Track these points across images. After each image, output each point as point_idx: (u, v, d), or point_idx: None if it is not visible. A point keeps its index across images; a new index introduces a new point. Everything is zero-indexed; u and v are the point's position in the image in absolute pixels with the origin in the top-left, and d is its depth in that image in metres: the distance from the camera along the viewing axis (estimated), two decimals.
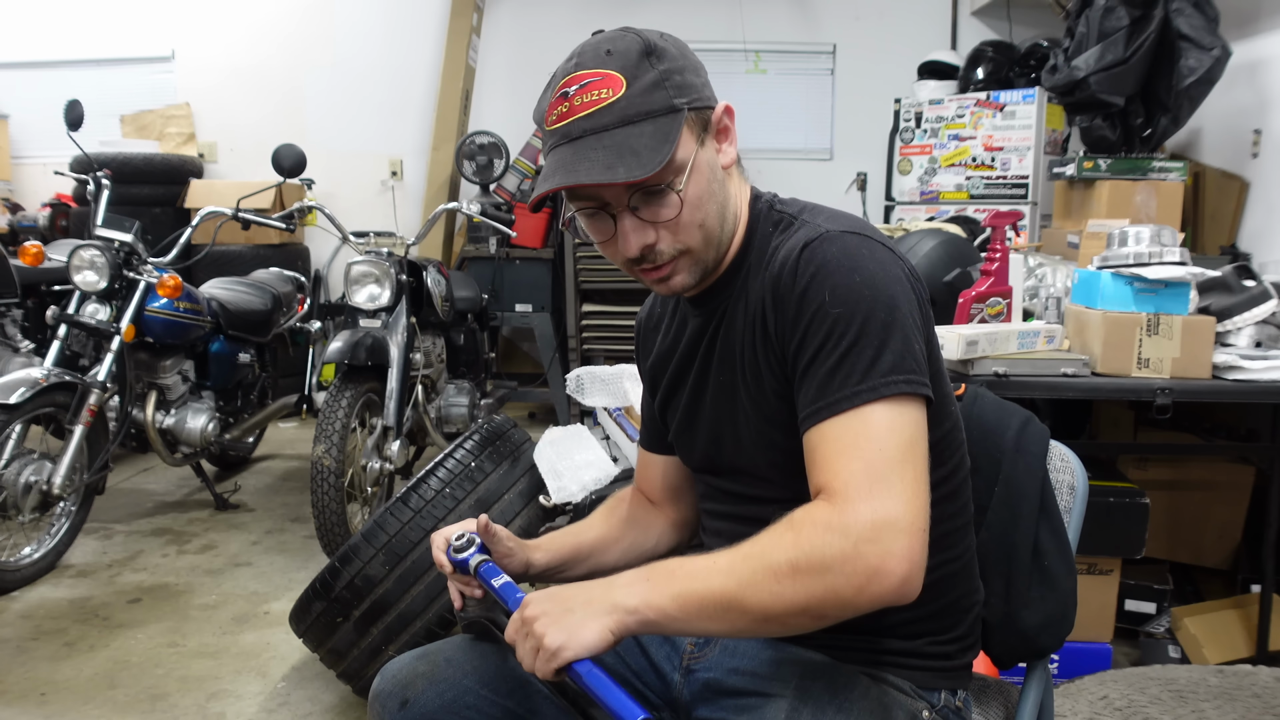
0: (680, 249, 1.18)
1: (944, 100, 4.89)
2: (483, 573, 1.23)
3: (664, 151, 1.10)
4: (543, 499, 2.35)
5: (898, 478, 1.02)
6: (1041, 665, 1.39)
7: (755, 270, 1.22)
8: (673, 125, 1.12)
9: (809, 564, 0.99)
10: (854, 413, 1.05)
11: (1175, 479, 2.94)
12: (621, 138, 1.10)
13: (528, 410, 5.98)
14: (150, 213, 5.28)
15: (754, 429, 1.22)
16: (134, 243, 3.51)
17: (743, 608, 1.01)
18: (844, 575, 0.99)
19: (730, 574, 1.02)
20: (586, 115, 1.11)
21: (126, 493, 4.30)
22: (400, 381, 3.45)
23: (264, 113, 6.11)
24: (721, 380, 1.26)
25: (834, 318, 1.08)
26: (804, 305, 1.11)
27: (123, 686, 2.61)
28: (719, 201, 1.19)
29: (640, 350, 1.47)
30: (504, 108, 6.06)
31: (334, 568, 2.26)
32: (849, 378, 1.06)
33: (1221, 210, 4.13)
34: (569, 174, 1.10)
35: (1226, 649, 2.69)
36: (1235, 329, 2.44)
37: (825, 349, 1.08)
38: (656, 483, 1.49)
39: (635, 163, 1.08)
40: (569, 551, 1.38)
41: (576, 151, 1.11)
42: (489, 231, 5.24)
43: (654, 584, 1.04)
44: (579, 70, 1.13)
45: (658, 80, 1.12)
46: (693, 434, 1.33)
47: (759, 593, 1.01)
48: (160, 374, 3.71)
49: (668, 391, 1.37)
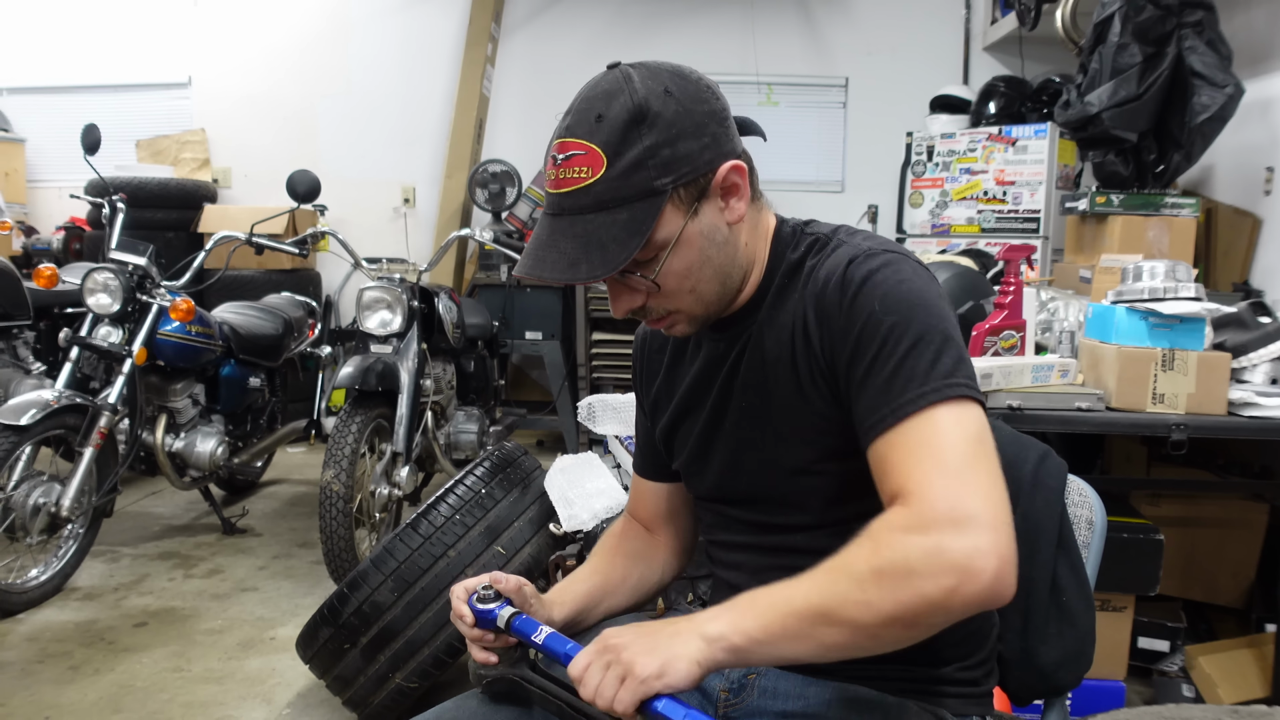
0: (670, 310, 1.18)
1: (956, 134, 4.90)
2: (519, 626, 1.16)
3: (632, 246, 1.08)
4: (553, 526, 2.34)
5: (972, 473, 1.00)
6: (1059, 702, 1.37)
7: (787, 293, 1.20)
8: (649, 211, 1.09)
9: (893, 569, 0.96)
10: (919, 416, 1.03)
11: (1189, 516, 2.92)
12: (593, 226, 1.09)
13: (536, 438, 5.97)
14: (164, 237, 5.31)
15: (784, 452, 1.20)
16: (148, 266, 3.53)
17: (831, 622, 0.97)
18: (930, 577, 0.94)
19: (814, 590, 0.99)
20: (566, 193, 1.10)
21: (134, 516, 4.29)
22: (410, 407, 3.45)
23: (278, 139, 6.17)
24: (745, 405, 1.24)
25: (888, 325, 1.07)
26: (854, 316, 1.10)
27: (127, 711, 2.60)
28: (716, 264, 1.16)
29: (641, 373, 1.43)
30: (517, 137, 6.10)
31: (342, 593, 2.25)
32: (910, 382, 1.05)
33: (1234, 247, 4.12)
34: (538, 264, 1.11)
35: (1241, 688, 2.65)
36: (1251, 365, 2.42)
37: (881, 356, 1.07)
38: (654, 509, 1.46)
39: (599, 259, 1.08)
40: (583, 600, 1.34)
41: (551, 235, 1.11)
42: (500, 259, 5.26)
43: (738, 611, 1.01)
44: (568, 136, 1.10)
45: (640, 159, 1.08)
46: (706, 461, 1.30)
47: (847, 605, 0.97)
48: (171, 397, 3.72)
49: (675, 417, 1.34)
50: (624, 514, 1.51)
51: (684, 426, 1.33)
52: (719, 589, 1.35)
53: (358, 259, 3.78)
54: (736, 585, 1.26)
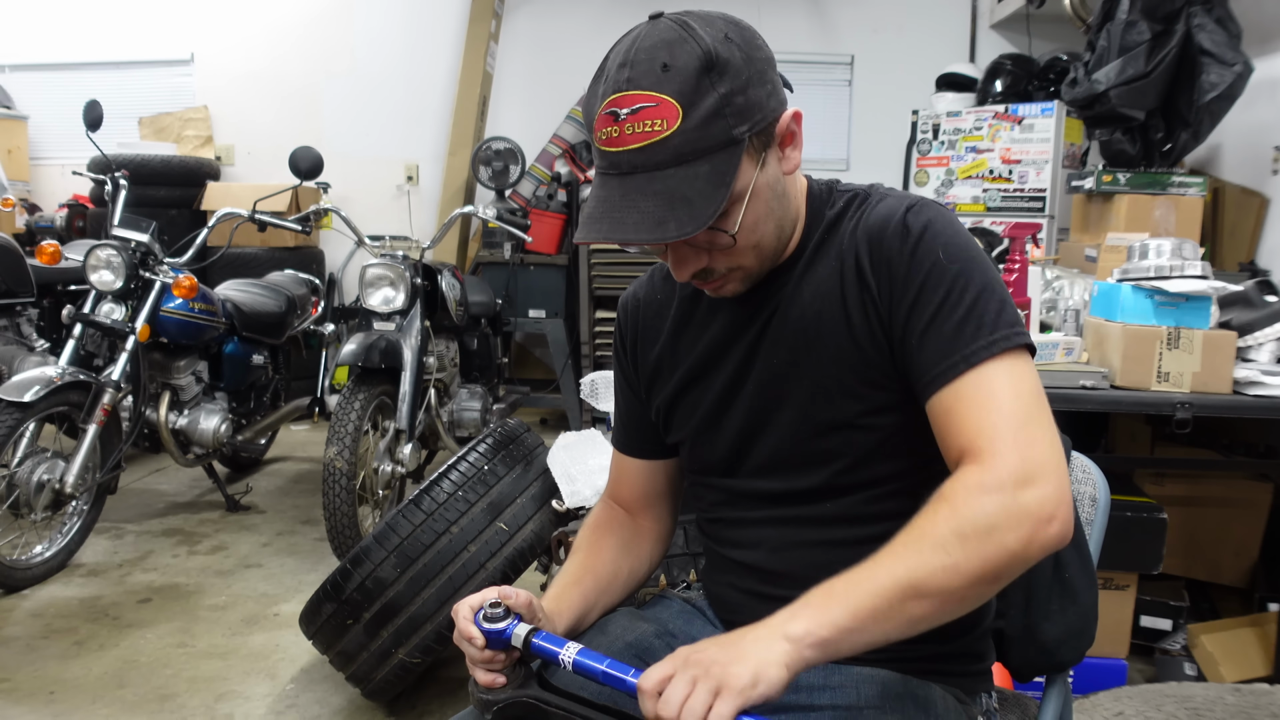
0: (733, 267, 1.14)
1: (962, 112, 4.87)
2: (540, 645, 1.05)
3: (718, 198, 1.03)
4: (555, 503, 2.34)
5: (1036, 425, 1.01)
6: (1061, 679, 1.37)
7: (826, 247, 1.17)
8: (730, 161, 1.04)
9: (974, 528, 0.96)
10: (984, 367, 1.03)
11: (1192, 495, 2.91)
12: (674, 181, 1.03)
13: (539, 416, 5.97)
14: (167, 214, 5.31)
15: (821, 408, 1.15)
16: (150, 243, 3.52)
17: (920, 594, 0.96)
18: (1011, 530, 0.96)
19: (898, 564, 0.97)
20: (638, 149, 1.02)
21: (138, 493, 4.31)
22: (413, 384, 3.45)
23: (281, 116, 6.14)
24: (775, 364, 1.19)
25: (953, 274, 1.07)
26: (918, 262, 1.08)
27: (131, 686, 2.61)
28: (777, 217, 1.13)
29: (633, 342, 1.35)
30: (521, 114, 6.08)
31: (345, 570, 2.25)
32: (979, 330, 1.04)
33: (1241, 226, 4.10)
34: (616, 226, 1.04)
35: (1243, 667, 2.66)
36: (1256, 344, 2.41)
37: (948, 304, 1.06)
38: (637, 491, 1.39)
39: (687, 215, 1.02)
40: (579, 606, 1.25)
41: (625, 195, 1.04)
42: (504, 237, 5.25)
43: (817, 605, 0.96)
44: (631, 89, 1.02)
45: (717, 108, 1.02)
46: (718, 429, 1.24)
47: (935, 573, 0.96)
48: (174, 374, 3.72)
49: (682, 385, 1.27)
50: (603, 499, 1.44)
51: (692, 394, 1.26)
52: (725, 570, 1.29)
53: (361, 236, 3.78)
54: (754, 565, 1.24)
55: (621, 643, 1.24)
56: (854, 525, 1.18)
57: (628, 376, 1.37)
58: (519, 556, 2.28)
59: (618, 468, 1.42)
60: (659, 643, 1.26)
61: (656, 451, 1.37)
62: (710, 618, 1.34)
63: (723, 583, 1.30)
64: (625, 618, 1.31)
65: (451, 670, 2.63)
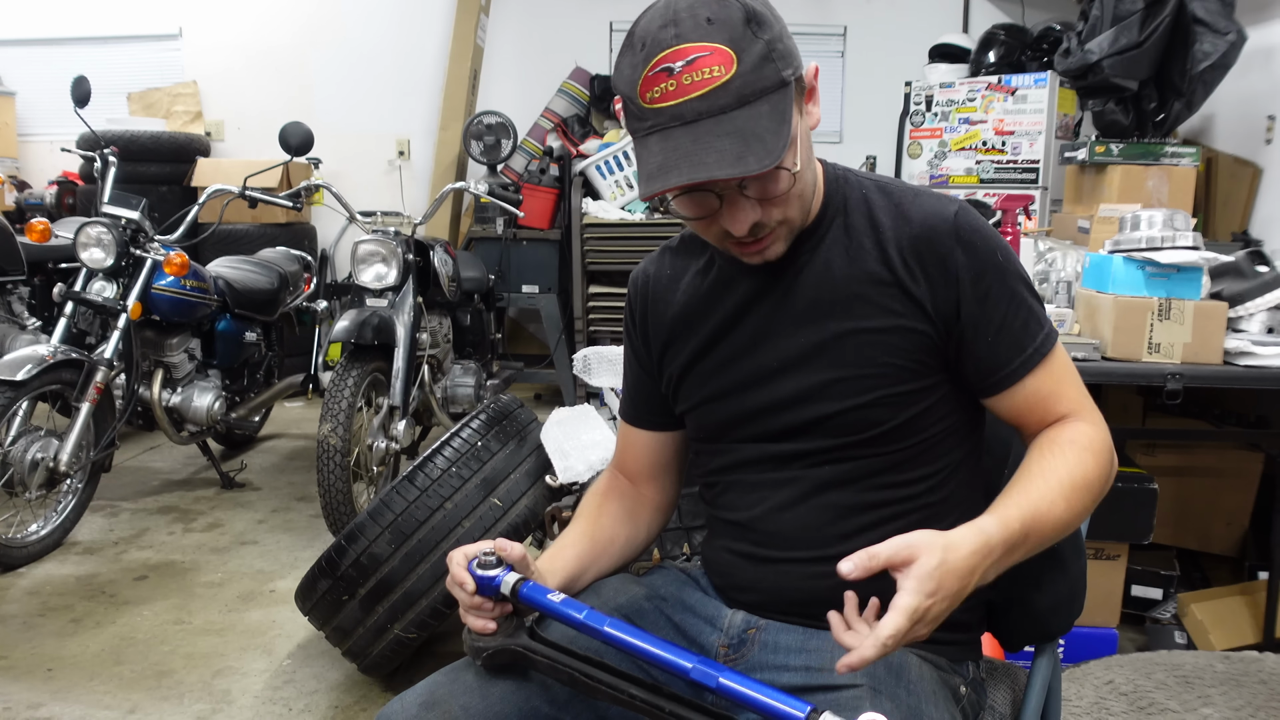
0: (781, 220, 1.16)
1: (955, 84, 4.84)
2: (528, 593, 1.12)
3: (785, 133, 1.06)
4: (549, 479, 2.34)
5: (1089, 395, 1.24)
6: (1050, 648, 1.38)
7: (857, 230, 1.22)
8: (786, 101, 1.08)
9: (1103, 484, 1.18)
10: (1050, 356, 1.20)
11: (1183, 465, 2.93)
12: (743, 121, 1.05)
13: (534, 392, 5.98)
14: (157, 191, 5.29)
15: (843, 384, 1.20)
16: (141, 220, 3.51)
17: (1063, 531, 1.14)
18: (1107, 488, 1.19)
19: (1070, 510, 1.12)
20: (701, 96, 1.04)
21: (133, 470, 4.31)
22: (406, 361, 3.45)
23: (271, 92, 6.10)
24: (798, 336, 1.22)
25: (1010, 274, 1.19)
26: (980, 268, 1.18)
27: (129, 663, 2.62)
28: (812, 168, 1.19)
29: (644, 315, 1.36)
30: (512, 88, 6.04)
31: (340, 545, 2.26)
32: (1039, 329, 1.20)
33: (1234, 196, 4.10)
34: (697, 167, 1.04)
35: (1233, 635, 2.68)
36: (1248, 315, 2.42)
37: (1013, 305, 1.19)
38: (643, 462, 1.42)
39: (763, 149, 1.04)
40: (573, 567, 1.30)
41: (696, 139, 1.05)
42: (496, 212, 5.23)
43: (1014, 551, 1.07)
44: (681, 43, 1.04)
45: (766, 53, 1.06)
46: (733, 398, 1.27)
47: (1083, 516, 1.17)
48: (167, 352, 3.71)
49: (696, 354, 1.29)
50: (609, 469, 1.48)
51: (705, 363, 1.29)
52: (721, 535, 1.33)
53: (352, 212, 3.76)
54: (747, 525, 1.28)
55: (613, 604, 1.27)
56: (847, 489, 1.22)
57: (637, 351, 1.39)
58: (513, 532, 2.28)
59: (624, 439, 1.45)
60: (649, 605, 1.29)
61: (663, 424, 1.40)
62: (704, 585, 1.37)
63: (718, 546, 1.34)
64: (620, 581, 1.34)
65: (448, 645, 2.65)
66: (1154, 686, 2.35)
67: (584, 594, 1.31)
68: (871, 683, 1.12)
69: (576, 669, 1.09)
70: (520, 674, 1.18)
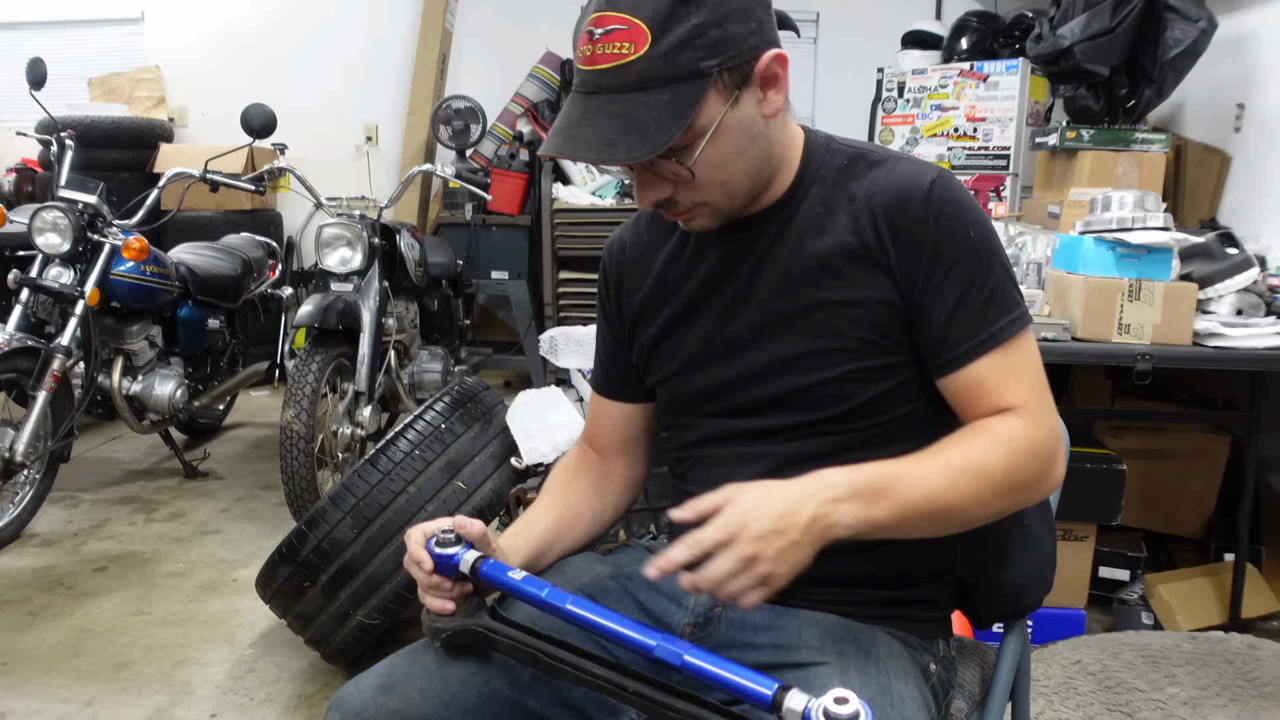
0: (698, 202, 1.13)
1: (927, 70, 4.83)
2: (487, 571, 1.09)
3: (674, 129, 1.02)
4: (514, 461, 2.31)
5: (1050, 396, 1.15)
6: (1019, 625, 1.37)
7: (832, 201, 1.18)
8: (693, 94, 1.03)
9: (1020, 483, 1.09)
10: (1010, 342, 1.12)
11: (1152, 448, 2.93)
12: (632, 106, 1.03)
13: (503, 378, 5.94)
14: (119, 177, 5.19)
15: (813, 357, 1.17)
16: (98, 204, 3.44)
17: (954, 518, 1.08)
18: (1036, 490, 1.12)
19: (951, 489, 1.06)
20: (604, 70, 1.03)
21: (94, 461, 4.23)
22: (372, 346, 3.40)
23: (236, 76, 6.00)
24: (768, 309, 1.19)
25: (982, 254, 1.13)
26: (947, 240, 1.12)
27: (87, 655, 2.57)
28: (751, 157, 1.12)
29: (617, 285, 1.34)
30: (481, 72, 5.98)
31: (300, 531, 2.21)
32: (1002, 310, 1.13)
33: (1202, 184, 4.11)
34: (570, 144, 1.06)
35: (1199, 616, 2.69)
36: (1217, 296, 2.42)
37: (975, 284, 1.12)
38: (613, 434, 1.40)
39: (638, 141, 1.02)
40: (538, 544, 1.28)
41: (585, 114, 1.05)
42: (465, 197, 5.17)
43: (871, 502, 1.03)
44: (610, 9, 1.02)
45: (686, 38, 1.02)
46: (704, 370, 1.24)
47: (974, 506, 1.08)
48: (127, 339, 3.64)
49: (668, 325, 1.27)
50: (578, 443, 1.45)
51: (677, 334, 1.27)
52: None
53: (318, 197, 3.70)
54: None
55: (577, 583, 1.25)
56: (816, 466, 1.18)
57: (610, 319, 1.37)
58: (478, 514, 2.24)
59: (594, 411, 1.43)
60: (613, 584, 1.27)
61: (634, 395, 1.37)
62: None
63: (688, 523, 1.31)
64: (584, 560, 1.31)
65: (412, 632, 2.61)
66: (1121, 666, 2.35)
67: (548, 573, 1.28)
68: (840, 660, 1.10)
69: (538, 649, 1.07)
70: (481, 655, 1.16)
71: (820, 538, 1.00)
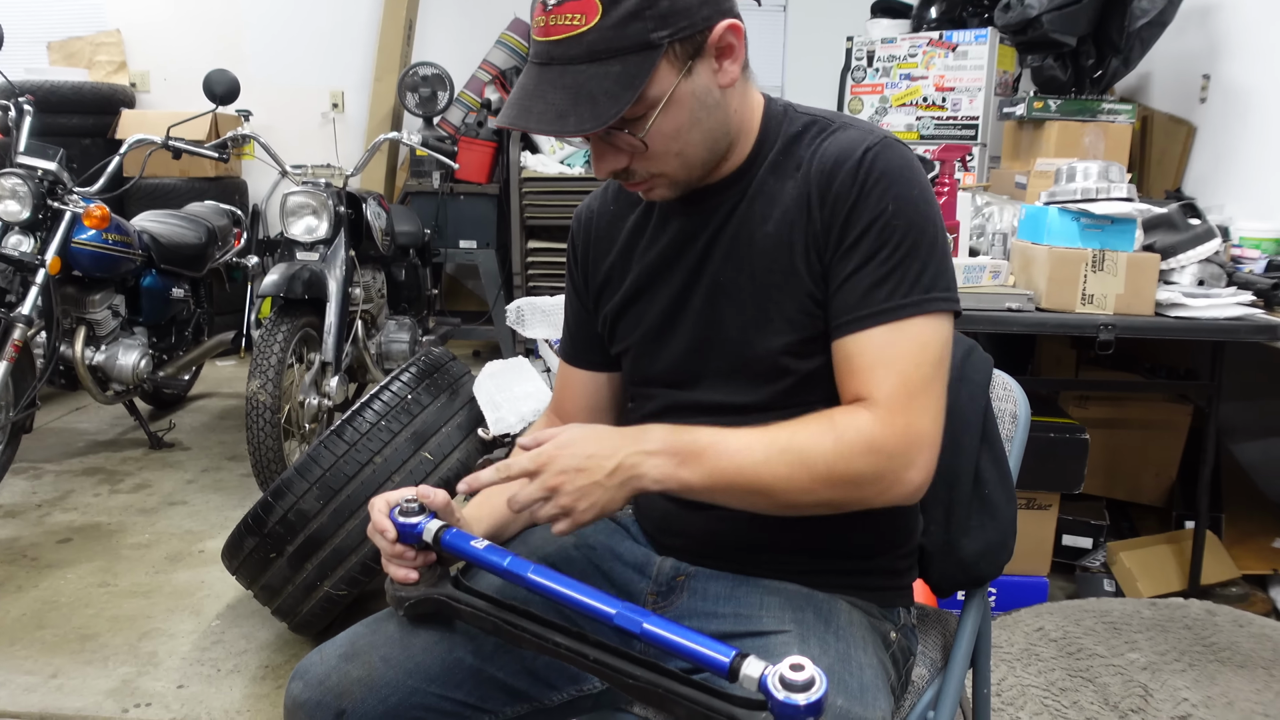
0: (654, 173, 1.13)
1: (896, 39, 4.82)
2: (450, 540, 1.09)
3: (624, 100, 1.03)
4: (481, 431, 2.30)
5: (928, 394, 1.07)
6: (980, 593, 1.38)
7: (784, 170, 1.17)
8: (643, 66, 1.03)
9: (846, 479, 1.05)
10: (895, 325, 1.07)
11: (1115, 418, 2.97)
12: (584, 78, 1.03)
13: (472, 348, 5.91)
14: (80, 144, 5.09)
15: (761, 330, 1.16)
16: (58, 171, 3.37)
17: (770, 497, 1.06)
18: (875, 489, 1.06)
19: (766, 465, 1.05)
20: (556, 41, 1.04)
21: (57, 432, 4.18)
22: (339, 316, 3.37)
23: (199, 41, 5.90)
24: (723, 280, 1.19)
25: (895, 229, 1.09)
26: (863, 208, 1.10)
27: (51, 627, 2.55)
28: (705, 128, 1.12)
29: (585, 253, 1.34)
30: (448, 39, 5.90)
31: (266, 502, 2.20)
32: (896, 289, 1.08)
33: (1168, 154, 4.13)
34: (522, 115, 1.07)
35: (1160, 583, 2.73)
36: (1179, 267, 2.44)
37: (878, 258, 1.09)
38: (580, 403, 1.40)
39: (589, 112, 1.03)
40: (503, 516, 1.27)
41: (538, 85, 1.06)
42: (432, 165, 5.12)
43: (683, 463, 1.05)
44: None
45: (636, 10, 1.02)
46: (664, 339, 1.25)
47: (791, 489, 1.05)
48: (89, 309, 3.58)
49: (630, 295, 1.27)
50: (545, 412, 1.46)
51: (639, 304, 1.27)
52: None
53: (283, 165, 3.65)
54: None
55: (541, 553, 1.26)
56: None
57: (577, 287, 1.37)
58: (444, 485, 2.23)
59: (562, 379, 1.43)
60: (577, 554, 1.28)
61: (601, 363, 1.37)
62: (634, 534, 1.35)
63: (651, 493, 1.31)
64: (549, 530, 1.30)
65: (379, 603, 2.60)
66: (1083, 633, 2.39)
67: (512, 543, 1.29)
68: (799, 629, 1.11)
69: (501, 618, 1.07)
70: (444, 624, 1.17)
71: (626, 485, 1.04)
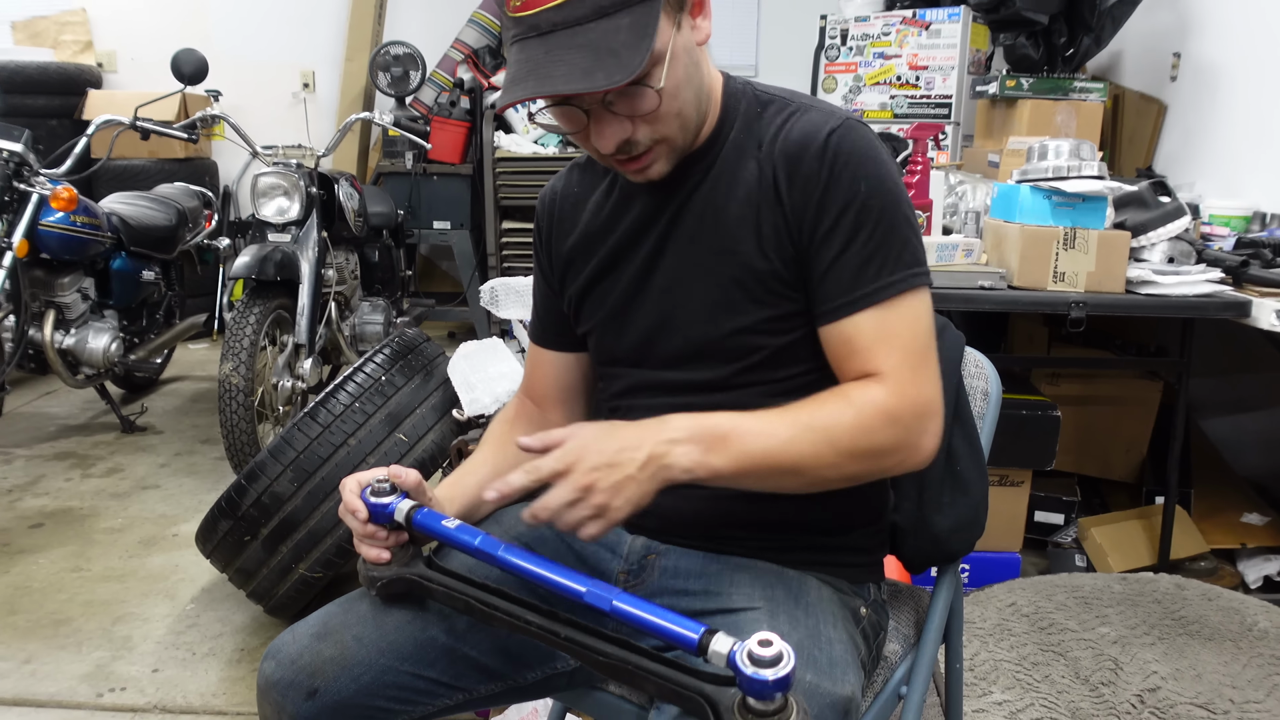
0: (657, 139, 1.12)
1: (870, 18, 4.81)
2: (422, 520, 1.09)
3: (643, 49, 1.01)
4: (456, 413, 2.30)
5: (928, 364, 1.10)
6: (952, 569, 1.39)
7: (745, 150, 1.17)
8: (650, 14, 1.03)
9: (869, 450, 1.07)
10: (888, 304, 1.09)
11: (1086, 394, 2.99)
12: (597, 34, 1.01)
13: (447, 329, 5.89)
14: (46, 125, 5.02)
15: (725, 309, 1.17)
16: (24, 153, 3.32)
17: (799, 476, 1.07)
18: (895, 458, 1.09)
19: (792, 444, 1.05)
20: (555, 7, 1.01)
21: (28, 416, 4.14)
22: (312, 297, 3.35)
23: (167, 20, 5.81)
24: (687, 259, 1.19)
25: (870, 209, 1.10)
26: (835, 192, 1.10)
27: (24, 612, 2.53)
28: (695, 85, 1.12)
29: (549, 234, 1.34)
30: (420, 17, 5.85)
31: (240, 485, 2.19)
32: (883, 269, 1.10)
33: (1139, 133, 4.16)
34: (544, 81, 1.02)
35: (1130, 558, 2.77)
36: (1150, 244, 2.46)
37: (858, 240, 1.10)
38: (550, 384, 1.39)
39: (615, 65, 1.00)
40: (474, 494, 1.27)
41: (549, 51, 1.02)
42: (405, 146, 5.08)
43: (710, 449, 1.04)
44: None
45: None
46: (628, 319, 1.24)
47: (819, 466, 1.06)
48: (58, 292, 3.54)
49: (595, 275, 1.27)
50: (517, 394, 1.45)
51: (604, 284, 1.26)
52: None
53: (254, 146, 3.61)
54: None
55: (514, 533, 1.26)
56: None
57: (544, 269, 1.36)
58: (419, 467, 2.23)
59: (532, 361, 1.42)
60: (550, 533, 1.27)
61: (570, 344, 1.37)
62: None
63: None
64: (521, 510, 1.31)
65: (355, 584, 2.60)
66: (1054, 608, 2.42)
67: (485, 523, 1.28)
68: (770, 605, 1.12)
69: (473, 596, 1.08)
70: (417, 603, 1.17)
71: (657, 477, 1.02)
